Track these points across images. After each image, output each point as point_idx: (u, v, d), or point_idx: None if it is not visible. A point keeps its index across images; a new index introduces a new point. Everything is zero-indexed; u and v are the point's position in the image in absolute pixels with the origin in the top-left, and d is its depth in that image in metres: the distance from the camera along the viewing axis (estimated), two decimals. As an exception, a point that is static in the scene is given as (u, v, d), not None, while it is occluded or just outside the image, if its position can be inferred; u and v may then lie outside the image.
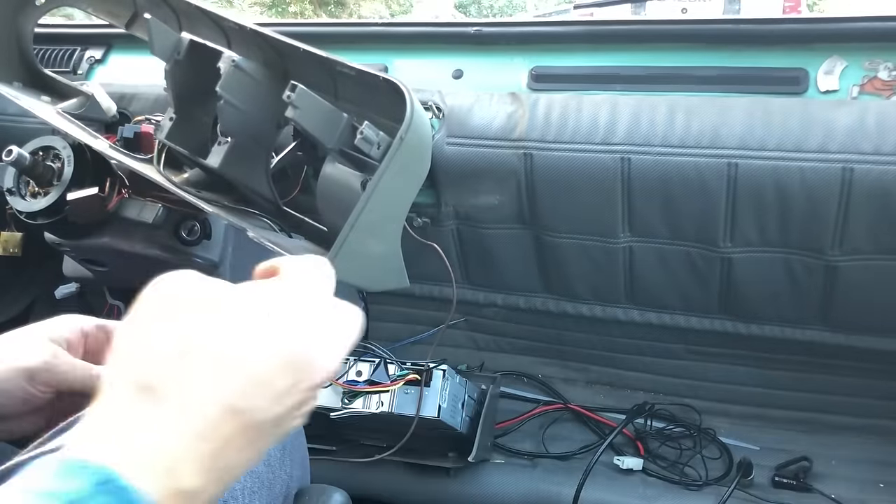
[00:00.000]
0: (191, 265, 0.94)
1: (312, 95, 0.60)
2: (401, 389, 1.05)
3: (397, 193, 0.63)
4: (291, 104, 0.59)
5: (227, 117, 0.68)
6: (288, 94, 0.59)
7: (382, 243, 0.64)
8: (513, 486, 1.19)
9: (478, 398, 1.18)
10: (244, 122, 0.69)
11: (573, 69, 1.06)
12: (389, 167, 0.59)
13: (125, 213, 0.91)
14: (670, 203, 1.00)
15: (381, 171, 0.59)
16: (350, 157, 0.64)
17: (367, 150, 0.60)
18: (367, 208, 0.59)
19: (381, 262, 0.66)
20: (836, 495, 1.12)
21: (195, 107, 0.75)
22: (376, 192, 0.59)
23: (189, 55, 0.71)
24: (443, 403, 1.04)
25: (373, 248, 0.63)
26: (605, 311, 1.23)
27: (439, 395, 1.04)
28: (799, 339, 1.14)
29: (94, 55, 1.32)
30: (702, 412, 1.29)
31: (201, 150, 0.73)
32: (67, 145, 0.89)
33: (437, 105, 1.04)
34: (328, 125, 0.62)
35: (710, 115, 0.95)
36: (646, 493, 1.17)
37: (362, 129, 0.60)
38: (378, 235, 0.63)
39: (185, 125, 0.75)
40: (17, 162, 0.84)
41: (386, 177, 0.59)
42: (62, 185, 0.87)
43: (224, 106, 0.67)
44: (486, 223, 1.13)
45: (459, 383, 1.11)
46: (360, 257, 0.62)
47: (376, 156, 0.60)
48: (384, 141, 0.60)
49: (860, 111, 0.90)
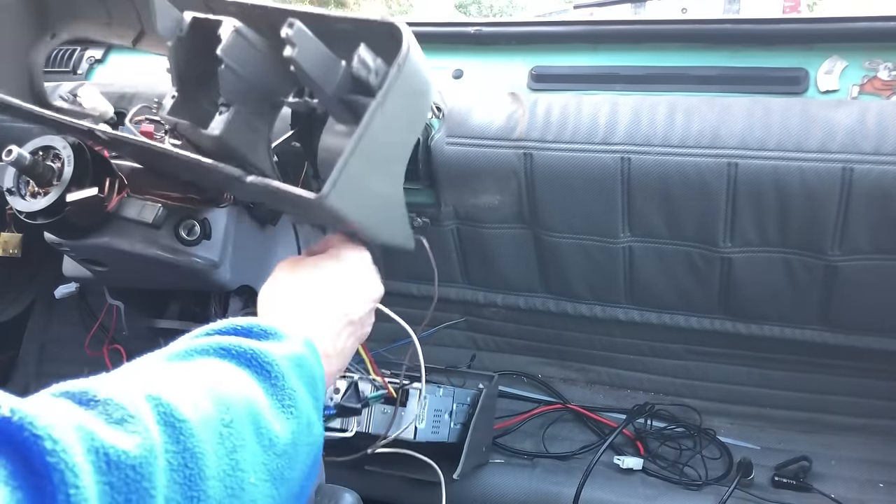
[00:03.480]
0: (190, 265, 0.94)
1: (310, 34, 0.60)
2: (378, 408, 1.01)
3: (398, 127, 0.62)
4: (289, 41, 0.58)
5: (228, 83, 0.68)
6: (286, 32, 0.58)
7: (385, 183, 0.64)
8: (513, 486, 1.19)
9: (472, 401, 1.15)
10: (245, 90, 0.69)
11: (573, 69, 1.06)
12: (390, 92, 0.58)
13: (125, 213, 0.91)
14: (670, 203, 1.00)
15: (383, 94, 0.58)
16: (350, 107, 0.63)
17: (366, 76, 0.59)
18: (367, 133, 0.58)
19: (384, 207, 0.66)
20: (835, 495, 1.12)
21: (197, 87, 0.74)
22: (377, 116, 0.58)
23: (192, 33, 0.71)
24: (419, 424, 1.01)
25: (375, 186, 0.62)
26: (605, 311, 1.23)
27: (416, 417, 1.00)
28: (799, 339, 1.14)
29: (94, 55, 1.32)
30: (702, 412, 1.29)
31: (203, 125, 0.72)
32: (67, 145, 0.88)
33: (437, 105, 1.04)
34: (326, 69, 0.61)
35: (710, 115, 0.95)
36: (646, 493, 1.17)
37: (359, 52, 0.59)
38: (380, 170, 0.62)
39: (187, 106, 0.75)
40: (17, 162, 0.84)
41: (387, 102, 0.58)
42: (62, 185, 0.87)
43: (225, 71, 0.67)
44: (486, 223, 1.13)
45: (443, 395, 1.08)
46: (362, 192, 0.61)
47: (375, 83, 0.59)
48: (381, 69, 0.60)
49: (860, 111, 0.90)
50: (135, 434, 0.39)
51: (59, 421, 0.36)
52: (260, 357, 0.50)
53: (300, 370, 0.53)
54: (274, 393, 0.49)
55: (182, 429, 0.41)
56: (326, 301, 0.64)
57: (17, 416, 0.34)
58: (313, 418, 0.52)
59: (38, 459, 0.34)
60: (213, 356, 0.49)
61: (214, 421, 0.44)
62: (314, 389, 0.54)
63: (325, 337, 0.62)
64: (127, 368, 0.47)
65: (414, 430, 1.00)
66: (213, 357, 0.49)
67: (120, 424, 0.39)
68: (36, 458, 0.34)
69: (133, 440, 0.38)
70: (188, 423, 0.41)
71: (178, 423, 0.41)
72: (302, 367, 0.53)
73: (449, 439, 1.09)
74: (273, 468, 0.46)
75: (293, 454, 0.49)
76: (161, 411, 0.41)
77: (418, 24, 1.14)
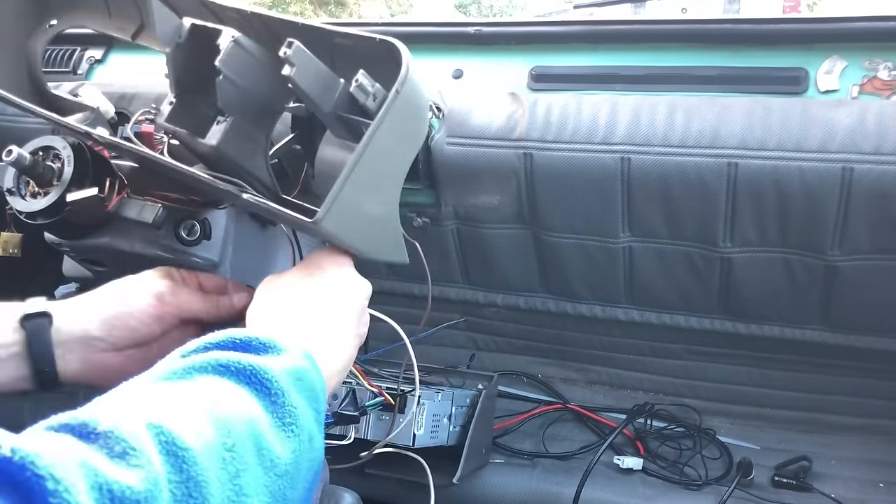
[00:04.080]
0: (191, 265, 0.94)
1: (309, 54, 0.60)
2: (376, 415, 1.00)
3: (394, 150, 0.62)
4: (288, 61, 0.59)
5: (225, 94, 0.68)
6: (285, 51, 0.59)
7: (379, 203, 0.64)
8: (513, 486, 1.19)
9: (471, 402, 1.14)
10: (243, 100, 0.69)
11: (573, 69, 1.06)
12: (386, 118, 0.58)
13: (125, 213, 0.91)
14: (670, 203, 1.00)
15: (378, 121, 0.58)
16: (347, 124, 0.63)
17: (363, 101, 0.59)
18: (363, 158, 0.58)
19: (378, 227, 0.66)
20: (835, 495, 1.12)
21: (195, 93, 0.74)
22: (373, 142, 0.58)
23: (190, 39, 0.71)
24: (418, 431, 1.00)
25: (369, 208, 0.63)
26: (605, 311, 1.23)
27: (414, 423, 1.00)
28: (799, 339, 1.14)
29: (94, 55, 1.32)
30: (702, 412, 1.29)
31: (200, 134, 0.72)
32: (67, 145, 0.88)
33: (437, 105, 1.04)
34: (325, 87, 0.62)
35: (710, 115, 0.95)
36: (646, 493, 1.17)
37: (357, 77, 0.59)
38: (375, 194, 0.62)
39: (186, 112, 0.75)
40: (16, 162, 0.84)
41: (383, 127, 0.58)
42: (62, 186, 0.87)
43: (223, 81, 0.67)
44: (486, 223, 1.13)
45: (442, 399, 1.07)
46: (356, 215, 0.62)
47: (372, 107, 0.60)
48: (380, 93, 0.60)
49: (860, 111, 0.90)
50: (138, 468, 0.38)
51: (60, 459, 0.35)
52: (259, 374, 0.50)
53: (300, 384, 0.52)
54: (274, 411, 0.49)
55: (185, 458, 0.41)
56: (317, 310, 0.64)
57: (19, 456, 0.34)
58: (314, 432, 0.52)
59: (40, 500, 0.34)
60: (211, 373, 0.49)
61: (217, 446, 0.43)
62: (315, 402, 0.54)
63: (323, 346, 0.61)
64: (125, 391, 0.47)
65: (412, 437, 0.99)
66: (213, 374, 0.49)
67: (122, 458, 0.38)
68: (38, 498, 0.34)
69: (137, 475, 0.38)
70: (191, 452, 0.41)
71: (181, 451, 0.41)
72: (302, 381, 0.53)
73: (448, 443, 1.08)
74: (275, 489, 0.46)
75: (295, 474, 0.49)
76: (163, 440, 0.41)
77: (418, 24, 1.14)
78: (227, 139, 0.69)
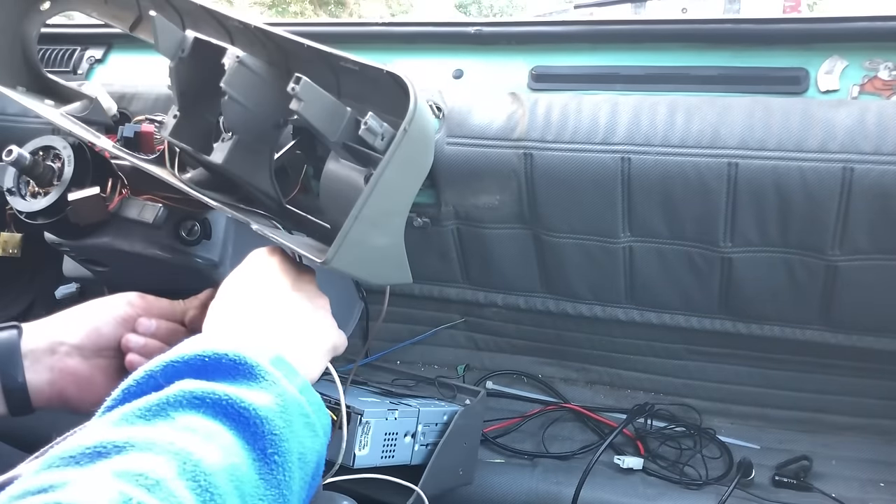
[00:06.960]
0: (191, 265, 0.94)
1: (317, 88, 0.60)
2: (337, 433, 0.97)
3: (401, 186, 0.63)
4: (296, 96, 0.59)
5: (231, 113, 0.68)
6: (293, 87, 0.59)
7: (385, 236, 0.64)
8: (513, 485, 1.19)
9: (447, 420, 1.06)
10: (248, 119, 0.69)
11: (573, 69, 1.06)
12: (394, 158, 0.59)
13: (125, 213, 0.91)
14: (670, 203, 1.00)
15: (386, 162, 0.59)
16: (353, 152, 0.64)
17: (372, 142, 0.60)
18: (370, 199, 0.59)
19: (384, 256, 0.66)
20: (836, 494, 1.12)
21: (199, 105, 0.75)
22: (380, 183, 0.59)
23: (193, 53, 0.71)
24: (359, 451, 0.94)
25: (376, 241, 0.63)
26: (605, 311, 1.23)
27: (357, 442, 0.93)
28: (799, 339, 1.14)
29: (94, 55, 1.32)
30: (702, 412, 1.29)
31: (205, 148, 0.72)
32: (67, 145, 0.89)
33: (438, 105, 1.04)
34: (332, 119, 0.62)
35: (710, 115, 0.95)
36: (646, 493, 1.17)
37: (366, 120, 0.60)
38: (381, 228, 0.63)
39: (189, 123, 0.75)
40: (17, 162, 0.84)
41: (390, 168, 0.59)
42: (62, 185, 0.87)
43: (228, 102, 0.67)
44: (486, 223, 1.13)
45: (400, 417, 0.99)
46: (363, 250, 0.62)
47: (380, 147, 0.60)
48: (388, 133, 0.60)
49: (860, 111, 0.90)
50: None
51: None
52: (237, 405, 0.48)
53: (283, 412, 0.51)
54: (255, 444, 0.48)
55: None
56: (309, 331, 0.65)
57: None
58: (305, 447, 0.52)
59: None
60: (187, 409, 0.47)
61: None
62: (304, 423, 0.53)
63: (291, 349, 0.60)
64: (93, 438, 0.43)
65: (353, 458, 0.93)
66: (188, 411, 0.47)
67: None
68: None
69: None
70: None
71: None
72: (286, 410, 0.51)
73: (413, 462, 1.02)
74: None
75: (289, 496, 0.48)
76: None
77: (418, 23, 1.14)
78: (232, 157, 0.70)
